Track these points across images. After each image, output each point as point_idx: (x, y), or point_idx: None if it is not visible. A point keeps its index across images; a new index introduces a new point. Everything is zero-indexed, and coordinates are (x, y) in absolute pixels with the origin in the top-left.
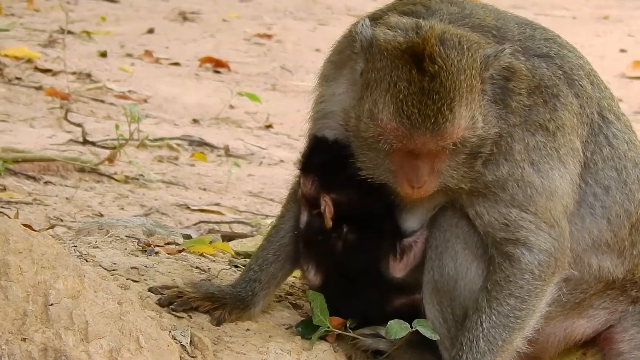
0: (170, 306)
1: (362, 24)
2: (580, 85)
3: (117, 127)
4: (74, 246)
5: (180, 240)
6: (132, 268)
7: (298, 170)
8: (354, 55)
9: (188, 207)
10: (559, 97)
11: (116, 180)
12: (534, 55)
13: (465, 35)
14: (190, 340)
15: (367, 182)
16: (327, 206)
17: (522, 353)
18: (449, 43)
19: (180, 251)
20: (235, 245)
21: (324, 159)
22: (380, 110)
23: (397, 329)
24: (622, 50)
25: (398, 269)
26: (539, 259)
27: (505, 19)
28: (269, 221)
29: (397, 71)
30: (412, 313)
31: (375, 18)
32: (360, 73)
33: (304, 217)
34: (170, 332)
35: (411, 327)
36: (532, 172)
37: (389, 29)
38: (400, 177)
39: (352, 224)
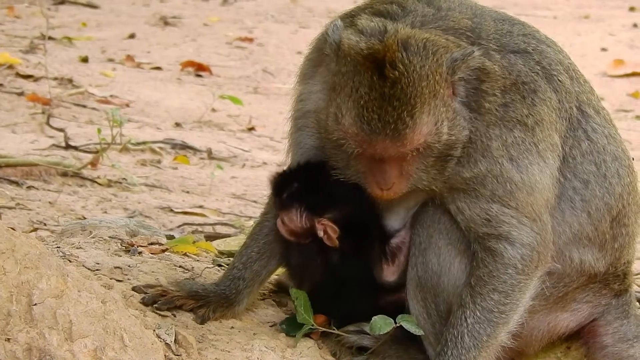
0: (154, 305)
1: (333, 26)
2: (559, 80)
3: (99, 131)
4: (57, 247)
5: (164, 240)
6: (116, 268)
7: (278, 211)
8: (327, 57)
9: (171, 210)
10: (537, 93)
11: (99, 184)
12: (510, 51)
13: (432, 40)
14: (175, 339)
15: (350, 189)
16: (327, 228)
17: (506, 347)
18: (412, 48)
19: (163, 251)
20: (219, 244)
21: (298, 187)
22: (343, 115)
23: (381, 324)
24: (603, 49)
25: (391, 273)
26: (522, 253)
27: (482, 16)
28: (252, 222)
29: (359, 76)
30: (398, 310)
31: (352, 15)
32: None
33: (294, 249)
34: (154, 330)
35: (395, 323)
36: (511, 168)
37: (354, 33)
38: (369, 179)
39: (346, 235)
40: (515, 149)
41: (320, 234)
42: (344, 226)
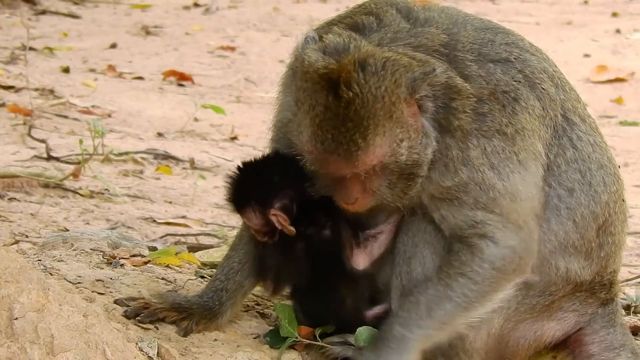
0: (137, 318)
1: (303, 39)
2: (543, 88)
3: (81, 142)
4: (39, 260)
5: (146, 252)
6: (98, 280)
7: (236, 213)
8: None
9: (154, 221)
10: (518, 101)
11: (81, 195)
12: (490, 61)
13: (392, 59)
14: (157, 352)
15: (298, 174)
16: (278, 218)
17: (492, 356)
18: (370, 68)
19: (145, 263)
20: (201, 255)
21: (245, 186)
22: (302, 132)
23: (366, 335)
24: (586, 55)
25: (361, 259)
26: (504, 253)
27: (463, 26)
28: (235, 232)
29: (316, 95)
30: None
31: (331, 25)
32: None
33: (266, 252)
34: (137, 343)
35: None
36: (493, 176)
37: (315, 51)
38: (335, 194)
39: (311, 222)
40: (495, 157)
41: (278, 225)
42: (298, 210)
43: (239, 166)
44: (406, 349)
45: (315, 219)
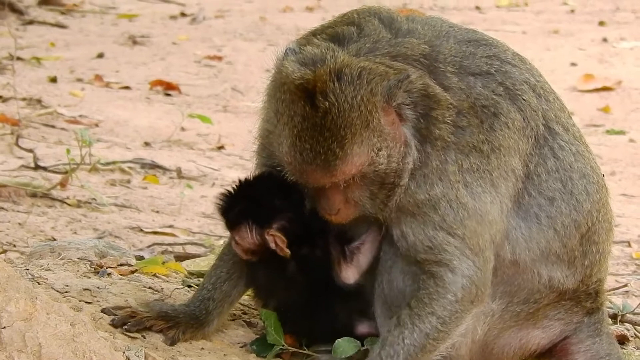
0: (124, 326)
1: (283, 52)
2: (524, 99)
3: (68, 151)
4: (26, 269)
5: (133, 261)
6: (85, 290)
7: (229, 231)
8: None
9: (141, 230)
10: (498, 116)
11: (68, 204)
12: (470, 74)
13: (368, 68)
14: None
15: (296, 196)
16: (275, 239)
17: None
18: (346, 78)
19: (132, 272)
20: (188, 265)
21: (243, 203)
22: (281, 143)
23: (345, 347)
24: (573, 64)
25: (351, 273)
26: (462, 282)
27: (446, 38)
28: (222, 242)
29: (294, 105)
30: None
31: (314, 35)
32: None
33: (257, 269)
34: (124, 352)
35: (362, 345)
36: (466, 194)
37: (293, 62)
38: (318, 204)
39: (300, 241)
40: (470, 175)
41: (272, 245)
42: (295, 233)
43: (239, 181)
44: None
45: (309, 240)
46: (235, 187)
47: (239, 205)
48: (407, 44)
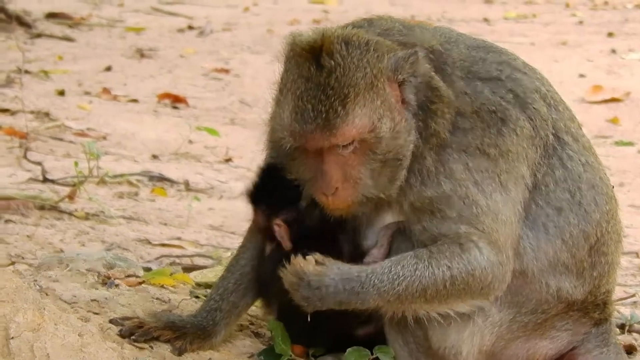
0: (132, 337)
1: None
2: (534, 108)
3: (76, 164)
4: (34, 280)
5: (141, 272)
6: (93, 300)
7: (249, 205)
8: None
9: (149, 242)
10: (506, 122)
11: (77, 217)
12: (478, 78)
13: (376, 40)
14: None
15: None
16: (280, 228)
17: None
18: (353, 43)
19: (140, 283)
20: (196, 276)
21: (269, 187)
22: (283, 111)
23: (356, 356)
24: (582, 75)
25: None
26: (484, 264)
27: (456, 44)
28: (229, 253)
29: (299, 69)
30: (379, 341)
31: None
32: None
33: (267, 251)
34: None
35: (372, 354)
36: (477, 192)
37: (302, 33)
38: (315, 186)
39: (311, 244)
40: (479, 174)
41: (277, 235)
42: (301, 229)
43: (267, 167)
44: (362, 299)
45: (316, 241)
46: (263, 171)
47: (259, 188)
48: (418, 36)
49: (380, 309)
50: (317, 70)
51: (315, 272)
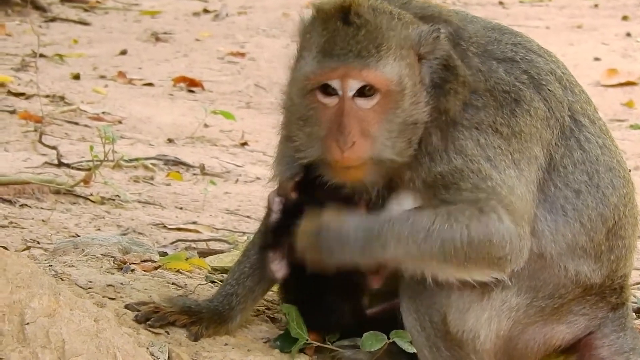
0: (147, 322)
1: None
2: (549, 89)
3: (91, 148)
4: (50, 265)
5: (157, 257)
6: (108, 286)
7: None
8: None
9: (165, 226)
10: (519, 102)
11: (92, 201)
12: (493, 58)
13: (401, 12)
14: (168, 356)
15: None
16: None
17: (502, 359)
18: (379, 9)
19: (156, 268)
20: (212, 260)
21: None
22: (308, 63)
23: (373, 341)
24: (597, 59)
25: (376, 281)
26: (502, 234)
27: (473, 23)
28: (246, 238)
29: (324, 26)
30: (392, 319)
31: None
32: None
33: (277, 206)
34: (147, 348)
35: (388, 338)
36: (490, 167)
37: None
38: (330, 141)
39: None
40: (491, 150)
41: (297, 179)
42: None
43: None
44: (383, 244)
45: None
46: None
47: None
48: (435, 8)
49: (401, 264)
50: (345, 26)
51: (335, 218)
